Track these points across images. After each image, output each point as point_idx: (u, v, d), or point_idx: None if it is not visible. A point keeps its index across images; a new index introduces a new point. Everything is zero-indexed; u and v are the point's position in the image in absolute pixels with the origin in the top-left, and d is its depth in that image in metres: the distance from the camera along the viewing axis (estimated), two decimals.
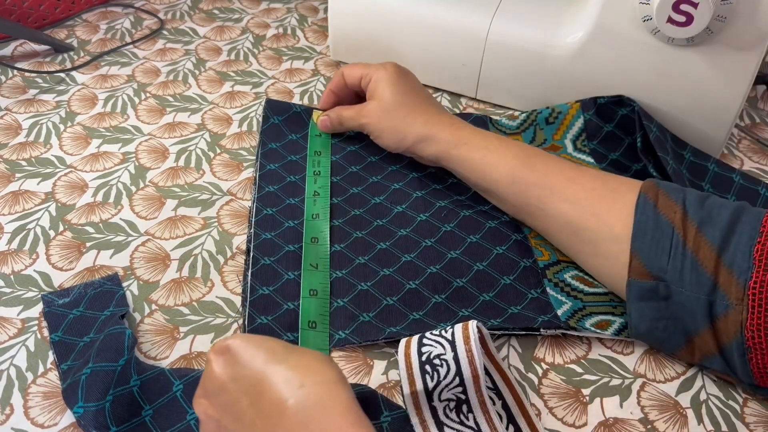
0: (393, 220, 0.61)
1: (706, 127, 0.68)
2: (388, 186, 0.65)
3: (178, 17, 0.91)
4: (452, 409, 0.45)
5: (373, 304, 0.54)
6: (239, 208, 0.63)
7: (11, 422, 0.46)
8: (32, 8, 0.84)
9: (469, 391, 0.45)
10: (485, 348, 0.48)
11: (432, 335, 0.47)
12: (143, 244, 0.59)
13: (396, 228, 0.61)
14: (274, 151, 0.68)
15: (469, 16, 0.73)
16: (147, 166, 0.67)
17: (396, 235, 0.60)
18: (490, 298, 0.55)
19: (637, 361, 0.52)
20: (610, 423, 0.48)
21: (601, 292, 0.56)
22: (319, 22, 0.92)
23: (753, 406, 0.49)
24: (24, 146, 0.69)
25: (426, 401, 0.45)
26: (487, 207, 0.63)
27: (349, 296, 0.55)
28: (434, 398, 0.45)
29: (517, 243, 0.59)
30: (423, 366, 0.45)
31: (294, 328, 0.52)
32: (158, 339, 0.52)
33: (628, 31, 0.65)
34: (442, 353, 0.45)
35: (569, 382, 0.50)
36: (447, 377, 0.45)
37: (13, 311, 0.53)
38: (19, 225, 0.60)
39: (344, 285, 0.55)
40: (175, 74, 0.80)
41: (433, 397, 0.45)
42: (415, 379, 0.45)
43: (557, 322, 0.52)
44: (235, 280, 0.56)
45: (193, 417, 0.46)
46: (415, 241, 0.59)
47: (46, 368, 0.49)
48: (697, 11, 0.59)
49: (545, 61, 0.71)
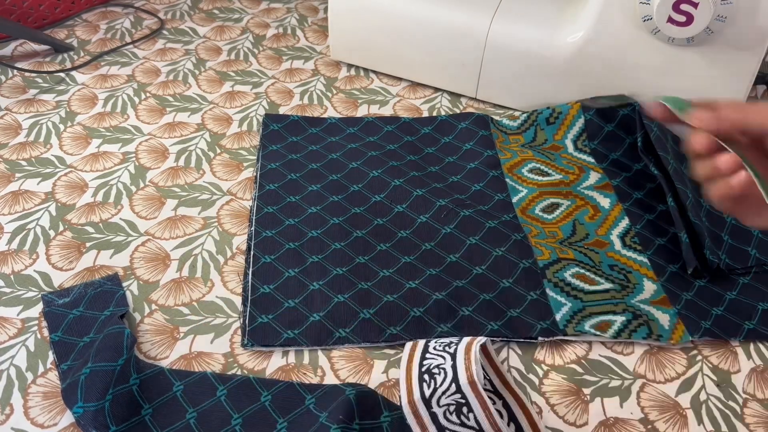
0: (393, 220, 0.61)
1: None
2: (388, 183, 0.65)
3: (178, 17, 0.91)
4: (452, 413, 0.45)
5: (373, 301, 0.54)
6: (239, 208, 0.63)
7: (11, 422, 0.46)
8: (32, 8, 0.84)
9: (468, 395, 0.45)
10: (486, 353, 0.48)
11: (436, 350, 0.47)
12: (143, 244, 0.59)
13: (396, 229, 0.61)
14: (275, 151, 0.68)
15: (469, 16, 0.73)
16: (147, 166, 0.67)
17: (396, 237, 0.60)
18: (490, 298, 0.55)
19: (637, 361, 0.52)
20: (611, 423, 0.48)
21: (601, 290, 0.56)
22: (319, 22, 0.92)
23: (753, 406, 0.49)
24: (24, 146, 0.69)
25: (425, 408, 0.45)
26: (488, 207, 0.63)
27: (349, 293, 0.55)
28: (432, 405, 0.45)
29: (516, 243, 0.59)
30: (422, 376, 0.46)
31: (295, 326, 0.52)
32: (158, 339, 0.52)
33: (628, 31, 0.65)
34: (441, 363, 0.46)
35: (570, 380, 0.50)
36: (443, 384, 0.45)
37: (13, 311, 0.53)
38: (19, 225, 0.60)
39: (344, 282, 0.55)
40: (175, 74, 0.80)
41: (432, 403, 0.45)
42: (413, 389, 0.45)
43: (555, 330, 0.52)
44: (236, 280, 0.56)
45: (193, 416, 0.46)
46: (415, 243, 0.59)
47: (46, 368, 0.49)
48: (697, 11, 0.59)
49: (545, 61, 0.71)
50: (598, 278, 0.57)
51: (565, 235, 0.61)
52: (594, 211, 0.63)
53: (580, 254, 0.59)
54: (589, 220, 0.62)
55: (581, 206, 0.64)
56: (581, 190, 0.65)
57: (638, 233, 0.61)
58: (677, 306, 0.55)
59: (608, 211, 0.63)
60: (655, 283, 0.57)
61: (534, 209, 0.63)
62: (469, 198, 0.64)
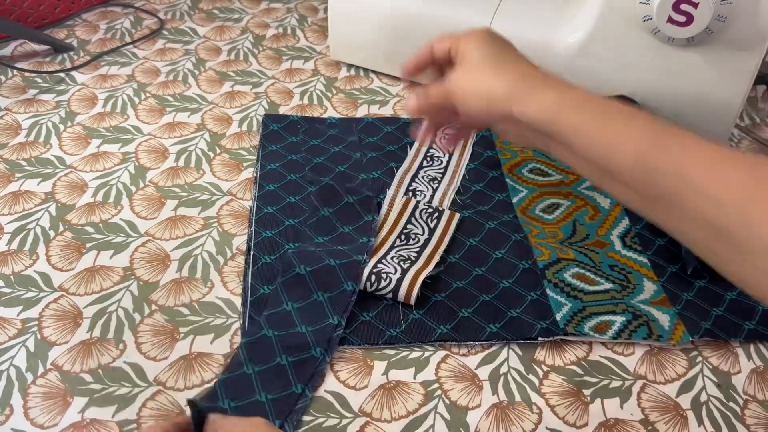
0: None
1: (706, 127, 0.67)
2: (388, 184, 0.65)
3: (178, 17, 0.91)
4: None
5: (373, 304, 0.54)
6: (239, 208, 0.63)
7: (11, 423, 0.46)
8: (32, 8, 0.84)
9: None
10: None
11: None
12: (143, 245, 0.59)
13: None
14: (275, 152, 0.68)
15: (469, 16, 0.73)
16: (147, 166, 0.67)
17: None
18: (490, 299, 0.55)
19: (638, 362, 0.52)
20: (611, 424, 0.48)
21: (601, 291, 0.56)
22: (319, 22, 0.92)
23: (753, 408, 0.49)
24: (24, 146, 0.69)
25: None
26: (487, 207, 0.63)
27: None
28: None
29: (516, 244, 0.59)
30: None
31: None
32: (158, 339, 0.52)
33: (628, 31, 0.65)
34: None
35: (570, 381, 0.50)
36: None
37: (13, 311, 0.53)
38: (19, 225, 0.60)
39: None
40: (175, 74, 0.80)
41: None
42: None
43: (555, 329, 0.52)
44: (235, 281, 0.56)
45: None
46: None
47: (46, 368, 0.49)
48: (697, 11, 0.59)
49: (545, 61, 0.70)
50: (599, 278, 0.57)
51: (566, 235, 0.61)
52: (594, 212, 0.63)
53: (581, 254, 0.59)
54: (590, 221, 0.62)
55: (581, 206, 0.64)
56: (581, 190, 0.65)
57: (638, 233, 0.61)
58: (677, 306, 0.55)
59: (608, 211, 0.63)
60: (655, 283, 0.57)
61: (534, 209, 0.63)
62: (469, 198, 0.64)
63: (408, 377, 0.50)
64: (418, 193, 0.64)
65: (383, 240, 0.59)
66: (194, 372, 0.49)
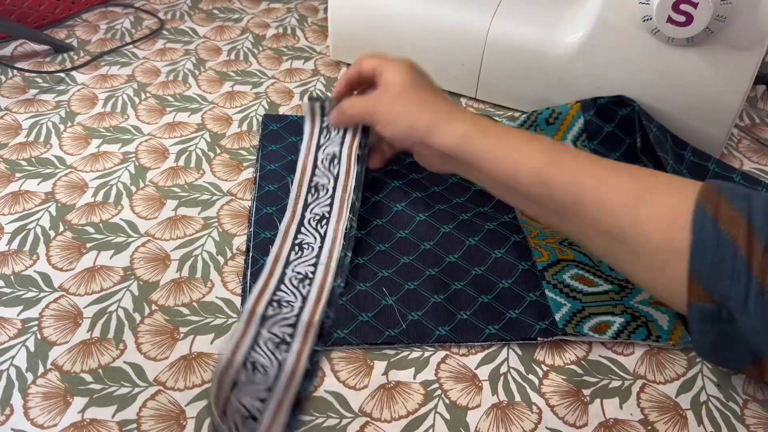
0: (392, 220, 0.61)
1: (706, 127, 0.68)
2: (389, 184, 0.65)
3: (178, 17, 0.91)
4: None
5: (371, 304, 0.54)
6: (239, 208, 0.63)
7: (11, 423, 0.46)
8: (32, 8, 0.84)
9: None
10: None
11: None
12: (143, 245, 0.59)
13: (395, 229, 0.60)
14: (274, 152, 0.68)
15: (469, 16, 0.73)
16: (147, 166, 0.67)
17: (395, 237, 0.60)
18: (489, 300, 0.55)
19: (637, 362, 0.52)
20: (611, 424, 0.48)
21: (600, 292, 0.56)
22: (319, 22, 0.92)
23: (753, 407, 0.49)
24: (24, 146, 0.69)
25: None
26: (487, 208, 0.63)
27: (348, 295, 0.55)
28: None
29: (515, 245, 0.59)
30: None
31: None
32: (158, 339, 0.52)
33: (628, 31, 0.65)
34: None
35: (570, 381, 0.50)
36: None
37: (13, 311, 0.53)
38: (19, 225, 0.60)
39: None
40: (175, 74, 0.80)
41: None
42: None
43: (554, 329, 0.52)
44: (235, 281, 0.56)
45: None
46: (414, 243, 0.59)
47: (46, 368, 0.49)
48: (697, 11, 0.59)
49: (545, 61, 0.71)
50: (597, 279, 0.57)
51: None
52: None
53: (580, 255, 0.59)
54: None
55: None
56: None
57: None
58: None
59: None
60: None
61: None
62: (468, 201, 0.64)
63: (408, 377, 0.50)
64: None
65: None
66: (194, 372, 0.50)
